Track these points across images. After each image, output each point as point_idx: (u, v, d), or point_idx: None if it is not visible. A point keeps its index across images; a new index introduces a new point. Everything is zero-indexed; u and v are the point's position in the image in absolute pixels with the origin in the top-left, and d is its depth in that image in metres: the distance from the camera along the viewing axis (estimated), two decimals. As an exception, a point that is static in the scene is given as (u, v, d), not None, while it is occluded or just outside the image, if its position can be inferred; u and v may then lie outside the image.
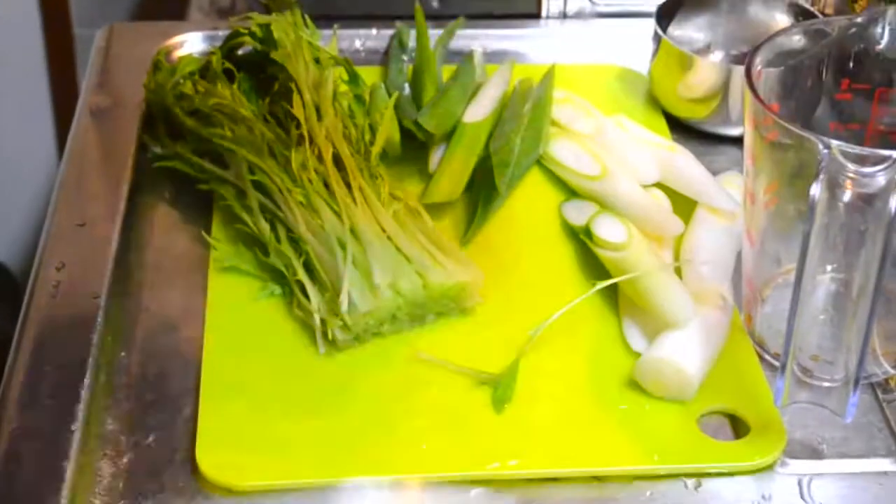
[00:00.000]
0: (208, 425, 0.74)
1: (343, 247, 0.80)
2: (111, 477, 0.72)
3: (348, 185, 0.84)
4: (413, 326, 0.81)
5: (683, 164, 0.91)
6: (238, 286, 0.83)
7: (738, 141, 0.81)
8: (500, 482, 0.72)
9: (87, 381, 0.75)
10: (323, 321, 0.79)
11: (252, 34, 0.94)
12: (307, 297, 0.80)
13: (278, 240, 0.83)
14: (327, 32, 0.99)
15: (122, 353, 0.79)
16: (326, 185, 0.84)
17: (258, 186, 0.85)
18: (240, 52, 0.97)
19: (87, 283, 0.81)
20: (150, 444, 0.74)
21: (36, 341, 0.77)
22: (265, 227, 0.84)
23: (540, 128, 0.94)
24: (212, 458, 0.72)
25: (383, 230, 0.82)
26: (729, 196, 0.87)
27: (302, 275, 0.81)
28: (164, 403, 0.76)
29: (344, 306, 0.77)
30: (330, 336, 0.78)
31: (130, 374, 0.78)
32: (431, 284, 0.80)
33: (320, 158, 0.85)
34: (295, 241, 0.82)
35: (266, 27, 0.92)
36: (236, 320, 0.81)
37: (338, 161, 0.85)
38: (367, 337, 0.80)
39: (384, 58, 1.06)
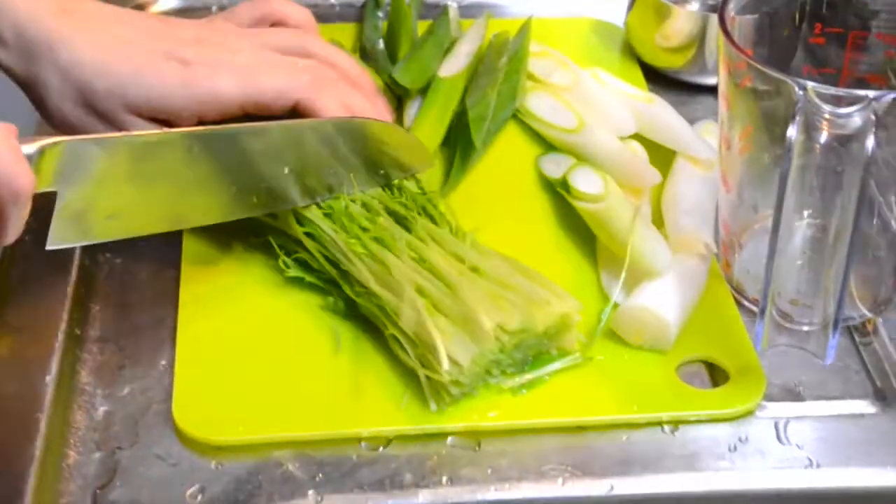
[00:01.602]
0: (184, 378, 0.73)
1: (423, 294, 0.73)
2: (86, 429, 0.71)
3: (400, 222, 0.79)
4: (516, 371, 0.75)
5: (661, 114, 0.90)
6: (212, 240, 0.82)
7: (714, 90, 0.81)
8: (477, 433, 0.72)
9: (61, 333, 0.74)
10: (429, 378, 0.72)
11: None
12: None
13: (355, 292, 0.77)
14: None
15: (97, 307, 0.79)
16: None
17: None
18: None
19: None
20: (125, 397, 0.73)
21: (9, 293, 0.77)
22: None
23: (516, 81, 0.94)
24: (188, 411, 0.71)
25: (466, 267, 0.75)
26: (707, 145, 0.87)
27: (392, 329, 0.74)
28: (139, 356, 0.76)
29: (445, 365, 0.70)
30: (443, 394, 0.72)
31: (105, 327, 0.77)
32: (537, 319, 0.73)
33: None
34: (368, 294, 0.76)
35: None
36: (212, 273, 0.80)
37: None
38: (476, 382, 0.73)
39: (360, 12, 1.05)
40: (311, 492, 0.68)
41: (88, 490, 0.68)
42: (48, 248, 0.70)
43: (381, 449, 0.71)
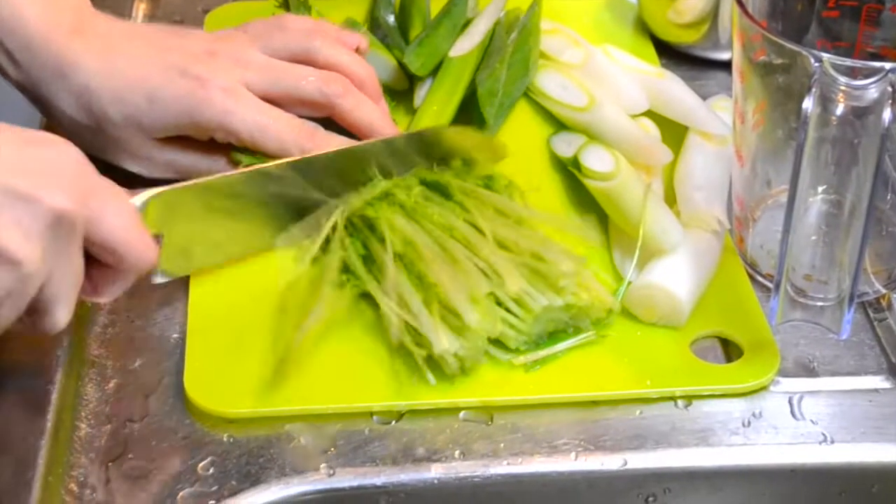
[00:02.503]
0: (196, 351, 0.73)
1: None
2: (97, 402, 0.71)
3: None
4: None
5: (673, 89, 0.90)
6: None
7: (727, 66, 0.80)
8: (490, 407, 0.71)
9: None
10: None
11: None
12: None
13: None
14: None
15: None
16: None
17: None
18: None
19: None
20: (137, 370, 0.73)
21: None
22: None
23: (527, 56, 0.93)
24: (200, 384, 0.71)
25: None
26: (720, 120, 0.86)
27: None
28: (150, 329, 0.76)
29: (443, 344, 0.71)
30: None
31: (116, 300, 0.77)
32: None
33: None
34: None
35: None
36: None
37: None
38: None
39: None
40: (322, 465, 0.68)
41: (100, 463, 0.68)
42: (155, 282, 0.75)
43: (393, 423, 0.71)
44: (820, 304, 0.71)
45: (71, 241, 0.63)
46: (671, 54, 0.98)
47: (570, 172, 0.86)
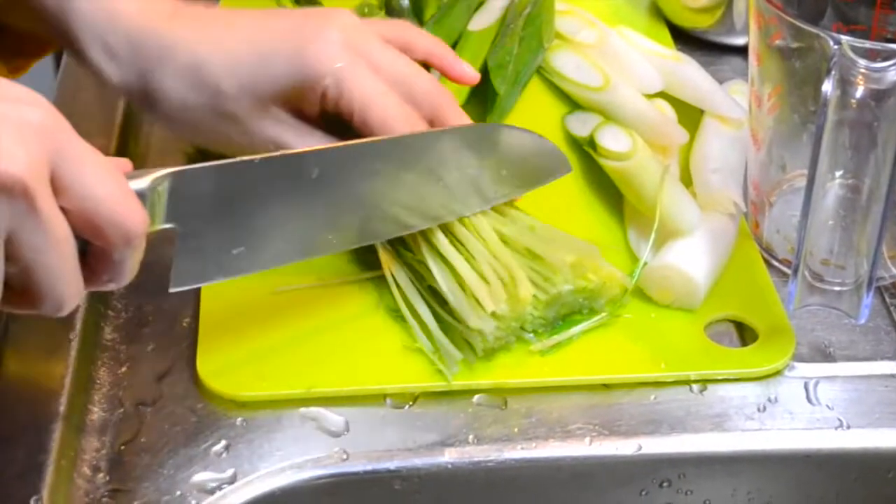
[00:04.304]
0: (209, 334, 0.73)
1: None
2: (110, 385, 0.71)
3: None
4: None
5: (689, 72, 0.89)
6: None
7: (742, 51, 0.80)
8: (504, 391, 0.71)
9: (84, 289, 0.74)
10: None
11: None
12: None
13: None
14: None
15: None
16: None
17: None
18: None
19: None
20: (149, 353, 0.73)
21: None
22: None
23: (539, 29, 0.93)
24: (213, 367, 0.71)
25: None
26: (736, 103, 0.86)
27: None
28: (162, 313, 0.75)
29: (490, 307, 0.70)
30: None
31: (129, 284, 0.76)
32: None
33: None
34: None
35: None
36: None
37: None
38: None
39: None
40: (336, 449, 0.68)
41: (112, 446, 0.68)
42: (171, 290, 0.65)
43: (406, 406, 0.70)
44: (837, 288, 0.71)
45: (36, 208, 0.55)
46: (686, 39, 0.98)
47: (584, 152, 0.85)
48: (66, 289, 0.58)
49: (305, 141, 0.75)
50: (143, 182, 0.60)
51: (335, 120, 0.75)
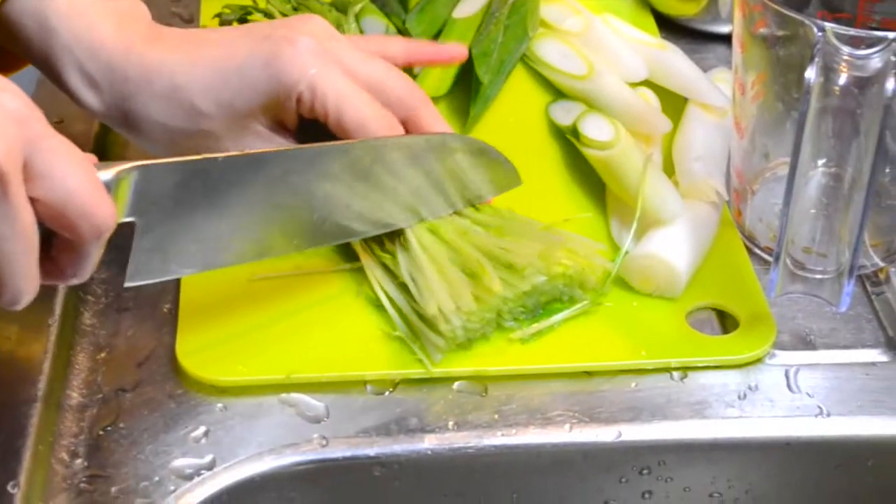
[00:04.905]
0: (189, 319, 0.73)
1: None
2: (88, 370, 0.71)
3: None
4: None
5: (674, 61, 0.89)
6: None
7: (726, 39, 0.80)
8: (484, 378, 0.71)
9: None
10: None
11: None
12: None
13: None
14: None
15: (100, 249, 0.78)
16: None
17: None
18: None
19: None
20: (129, 339, 0.73)
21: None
22: None
23: (524, 18, 0.92)
24: (192, 352, 0.71)
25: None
26: (720, 92, 0.86)
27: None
28: (142, 299, 0.75)
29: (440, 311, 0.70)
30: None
31: (109, 270, 0.76)
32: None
33: None
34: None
35: None
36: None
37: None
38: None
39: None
40: (315, 435, 0.68)
41: (91, 431, 0.68)
42: (127, 284, 0.65)
43: (387, 393, 0.70)
44: (819, 276, 0.71)
45: (7, 194, 0.55)
46: (670, 27, 0.98)
47: (567, 141, 0.85)
48: (23, 281, 0.58)
49: None
50: (107, 174, 0.61)
51: (319, 131, 0.75)
